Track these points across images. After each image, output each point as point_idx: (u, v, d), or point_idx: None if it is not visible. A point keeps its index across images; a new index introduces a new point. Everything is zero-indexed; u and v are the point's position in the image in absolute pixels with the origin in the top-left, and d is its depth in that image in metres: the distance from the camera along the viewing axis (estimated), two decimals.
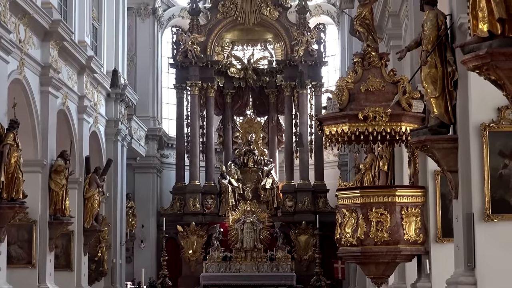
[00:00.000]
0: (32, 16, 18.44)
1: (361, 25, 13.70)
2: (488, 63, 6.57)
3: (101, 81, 25.15)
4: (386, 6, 18.08)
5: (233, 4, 32.46)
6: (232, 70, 33.30)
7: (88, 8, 24.07)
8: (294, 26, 32.28)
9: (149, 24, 33.73)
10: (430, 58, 10.54)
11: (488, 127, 10.06)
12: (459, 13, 10.12)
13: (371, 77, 12.88)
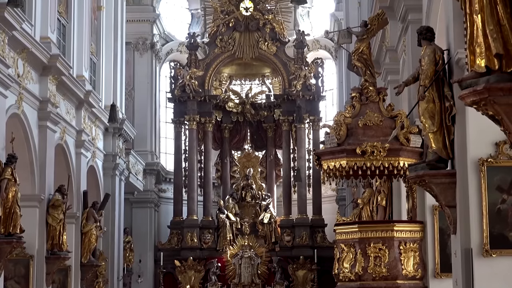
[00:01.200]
0: (31, 50, 18.51)
1: (359, 60, 13.77)
2: (486, 98, 6.59)
3: (99, 115, 25.18)
4: (383, 41, 18.17)
5: (231, 39, 32.60)
6: (230, 104, 33.38)
7: (86, 42, 24.17)
8: (292, 60, 32.39)
9: (147, 58, 33.84)
10: (428, 93, 10.56)
11: (486, 162, 10.06)
12: (457, 48, 10.16)
13: (369, 111, 12.91)
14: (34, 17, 19.43)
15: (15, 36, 17.36)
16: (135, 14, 32.92)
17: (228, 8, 32.63)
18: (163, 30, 35.60)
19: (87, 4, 24.32)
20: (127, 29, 30.44)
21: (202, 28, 36.59)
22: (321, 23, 36.52)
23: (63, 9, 22.56)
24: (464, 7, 6.98)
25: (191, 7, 37.75)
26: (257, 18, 32.46)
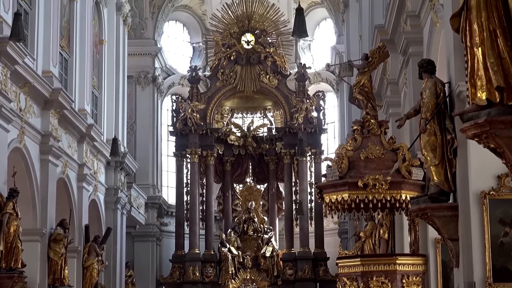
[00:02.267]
0: (33, 85, 18.56)
1: (360, 92, 13.79)
2: (487, 131, 6.60)
3: (101, 149, 25.20)
4: (385, 74, 18.23)
5: (232, 72, 32.68)
6: (232, 137, 33.40)
7: (88, 76, 24.26)
8: (293, 93, 32.45)
9: (149, 92, 33.92)
10: (429, 125, 10.57)
11: (488, 195, 10.05)
12: (458, 81, 10.19)
13: (371, 144, 12.91)
14: (36, 51, 19.52)
15: (17, 70, 17.43)
16: (137, 47, 33.08)
17: (230, 42, 32.76)
18: (164, 64, 35.73)
19: (89, 38, 24.44)
20: (129, 63, 30.56)
21: (204, 61, 36.75)
22: (322, 56, 36.67)
23: (65, 43, 22.67)
24: (465, 40, 7.01)
25: (192, 41, 37.94)
26: (258, 51, 32.57)
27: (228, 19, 32.92)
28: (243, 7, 32.84)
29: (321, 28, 37.87)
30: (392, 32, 16.47)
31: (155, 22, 34.67)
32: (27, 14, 19.38)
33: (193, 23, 37.89)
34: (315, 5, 36.80)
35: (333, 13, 34.42)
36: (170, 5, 35.33)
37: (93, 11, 25.51)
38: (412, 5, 14.45)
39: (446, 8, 11.00)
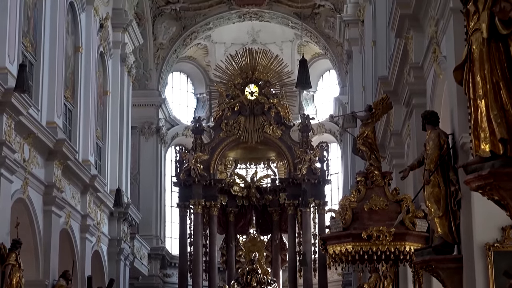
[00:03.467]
0: (37, 135, 18.61)
1: (364, 144, 13.80)
2: (491, 183, 6.59)
3: (104, 200, 25.18)
4: (388, 125, 18.25)
5: (236, 123, 32.75)
6: (235, 188, 33.34)
7: (92, 127, 24.33)
8: (297, 144, 32.48)
9: (152, 142, 34.00)
10: (433, 177, 10.57)
11: (492, 247, 9.99)
12: (461, 132, 10.20)
13: (375, 196, 12.89)
14: (40, 102, 19.61)
15: (21, 121, 17.49)
16: (141, 98, 33.23)
17: (234, 93, 32.89)
18: (168, 115, 35.87)
19: (93, 89, 24.57)
20: (133, 114, 30.67)
21: (208, 112, 36.88)
22: (326, 107, 36.82)
23: (70, 94, 22.78)
24: (468, 92, 7.03)
25: (196, 92, 38.14)
26: (262, 102, 32.69)
27: (232, 70, 33.09)
28: (247, 58, 33.03)
29: (324, 79, 38.07)
30: (396, 83, 16.54)
31: (159, 73, 34.89)
32: (32, 65, 19.52)
33: (197, 74, 38.12)
34: (319, 56, 37.04)
35: (337, 64, 34.62)
36: (175, 56, 35.58)
37: (98, 62, 25.68)
38: (415, 57, 14.52)
39: (449, 60, 11.06)
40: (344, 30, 29.10)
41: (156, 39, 34.57)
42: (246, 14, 35.10)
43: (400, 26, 15.05)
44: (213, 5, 34.67)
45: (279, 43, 36.92)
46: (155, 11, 34.19)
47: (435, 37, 12.62)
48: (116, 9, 27.83)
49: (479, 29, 7.06)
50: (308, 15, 34.55)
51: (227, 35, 36.79)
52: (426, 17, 13.70)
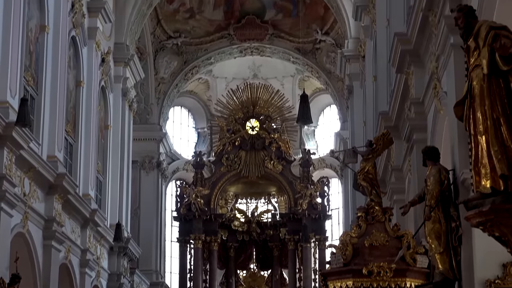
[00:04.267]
0: (38, 169, 18.60)
1: (365, 179, 13.80)
2: (492, 220, 6.58)
3: (105, 234, 25.11)
4: (389, 160, 18.25)
5: (237, 157, 32.75)
6: (236, 223, 33.25)
7: (93, 161, 24.33)
8: (297, 179, 32.45)
9: (153, 177, 33.99)
10: (433, 213, 10.55)
11: (493, 283, 9.95)
12: (462, 168, 10.20)
13: (375, 231, 12.86)
14: (41, 136, 19.63)
15: (22, 155, 17.49)
16: (142, 132, 33.28)
17: (235, 127, 32.94)
18: (169, 149, 35.89)
19: (94, 123, 24.60)
20: (134, 148, 30.68)
21: (208, 147, 36.91)
22: (326, 142, 36.84)
23: (71, 128, 22.81)
24: (469, 128, 7.05)
25: (197, 126, 38.19)
26: (263, 137, 32.73)
27: (233, 105, 33.18)
28: (248, 93, 33.13)
29: (325, 114, 38.14)
30: (396, 118, 16.56)
31: (161, 108, 34.97)
32: (33, 99, 19.56)
33: (198, 108, 38.20)
34: (320, 91, 37.13)
35: (338, 99, 34.70)
36: (176, 90, 35.68)
37: (99, 97, 25.74)
38: (416, 92, 14.55)
39: (450, 96, 11.09)
40: (345, 65, 29.20)
41: (158, 74, 34.70)
42: (248, 49, 35.26)
43: (401, 62, 15.10)
44: (215, 40, 34.85)
45: (280, 78, 37.04)
46: (157, 45, 34.36)
47: (436, 73, 12.67)
48: (117, 43, 27.97)
49: (480, 65, 7.10)
50: (309, 50, 34.70)
51: (229, 70, 36.92)
52: (426, 53, 13.76)
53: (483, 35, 7.26)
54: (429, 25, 12.92)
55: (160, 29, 34.07)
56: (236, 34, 34.59)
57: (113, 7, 27.34)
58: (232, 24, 34.51)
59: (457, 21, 7.91)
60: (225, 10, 34.33)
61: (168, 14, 33.86)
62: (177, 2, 33.56)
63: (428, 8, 12.62)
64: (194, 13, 34.15)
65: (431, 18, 12.64)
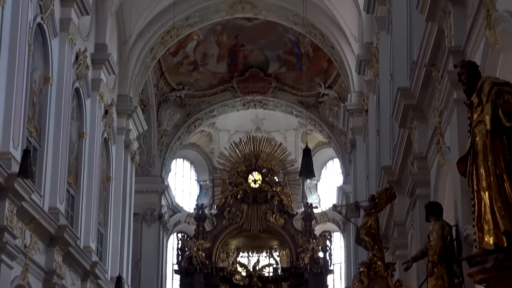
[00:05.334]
0: (39, 221, 18.57)
1: (367, 234, 13.79)
2: (495, 277, 6.56)
3: (105, 287, 24.95)
4: (392, 215, 18.21)
5: (239, 210, 32.70)
6: (237, 277, 33.06)
7: (94, 213, 24.29)
8: (299, 233, 32.36)
9: (155, 229, 33.90)
10: (436, 269, 10.51)
11: None
12: (465, 224, 10.18)
13: (377, 287, 12.81)
14: (43, 188, 19.63)
15: (23, 207, 17.47)
16: (144, 185, 33.26)
17: (237, 180, 32.95)
18: (171, 201, 35.85)
19: (96, 175, 24.61)
20: (136, 200, 30.64)
21: (210, 199, 36.87)
22: (329, 196, 36.78)
23: (73, 179, 22.81)
24: (472, 184, 7.06)
25: (199, 179, 38.19)
26: (265, 190, 32.71)
27: (236, 158, 33.23)
28: (250, 146, 33.20)
29: (328, 168, 38.14)
30: (399, 173, 16.56)
31: (163, 160, 35.02)
32: (36, 151, 19.61)
33: (200, 161, 38.24)
34: (322, 145, 37.19)
35: (340, 153, 34.74)
36: (178, 143, 35.76)
37: (102, 148, 25.80)
38: (419, 147, 14.59)
39: (453, 151, 11.11)
40: (348, 119, 29.28)
41: (161, 126, 34.82)
42: (251, 102, 35.41)
43: (404, 116, 15.15)
44: (218, 92, 35.02)
45: (283, 131, 37.14)
46: (160, 97, 34.53)
47: (439, 128, 12.71)
48: (121, 95, 28.10)
49: (483, 121, 7.13)
50: (312, 103, 34.85)
51: (231, 123, 37.04)
52: (430, 108, 13.81)
53: (486, 91, 7.31)
54: (432, 80, 12.99)
55: (163, 81, 34.27)
56: (240, 87, 34.77)
57: (117, 59, 27.55)
58: (236, 77, 34.70)
59: (461, 77, 7.97)
60: (229, 63, 34.56)
61: (171, 67, 34.09)
62: (181, 55, 33.80)
63: (431, 63, 12.71)
64: (197, 66, 34.38)
65: (434, 73, 12.72)
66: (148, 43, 28.71)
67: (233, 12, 29.62)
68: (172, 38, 29.59)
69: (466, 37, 10.62)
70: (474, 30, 10.25)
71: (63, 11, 21.21)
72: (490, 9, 9.27)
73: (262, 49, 34.08)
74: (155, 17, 28.26)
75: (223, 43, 33.86)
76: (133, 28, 28.06)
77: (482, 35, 9.89)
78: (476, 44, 10.26)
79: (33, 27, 18.88)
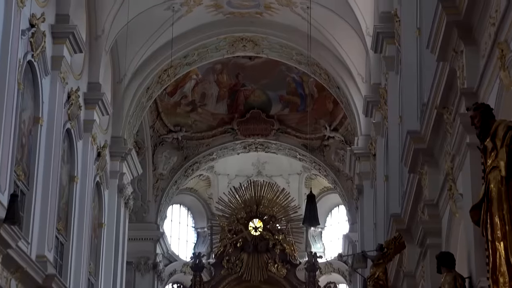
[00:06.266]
0: (26, 270, 18.50)
1: (375, 286, 13.77)
2: None
3: None
4: (401, 266, 18.14)
5: (238, 259, 32.64)
6: None
7: (85, 262, 24.19)
8: (303, 284, 32.28)
9: (149, 279, 33.75)
10: None
11: None
12: (479, 276, 10.13)
13: None
14: (31, 235, 19.57)
15: (9, 255, 17.41)
16: (138, 232, 33.17)
17: (237, 228, 32.93)
18: (166, 250, 35.74)
19: (87, 221, 24.55)
20: (129, 248, 30.54)
21: (208, 248, 36.77)
22: (334, 245, 36.69)
23: (62, 226, 22.76)
24: (486, 234, 7.04)
25: (197, 226, 38.12)
26: (266, 238, 32.67)
27: (235, 204, 33.23)
28: (251, 191, 33.21)
29: (333, 215, 38.09)
30: (409, 221, 16.52)
31: (158, 205, 34.96)
32: (24, 195, 19.59)
33: (198, 207, 38.20)
34: (328, 190, 37.17)
35: (346, 199, 34.69)
36: (175, 188, 35.73)
37: (94, 193, 25.77)
38: (430, 194, 14.56)
39: (466, 198, 11.09)
40: (355, 163, 29.29)
41: (156, 169, 34.81)
42: (252, 145, 35.46)
43: (414, 161, 15.15)
44: (217, 134, 35.08)
45: (286, 175, 37.15)
46: (156, 139, 34.58)
47: (451, 174, 12.70)
48: (115, 137, 28.14)
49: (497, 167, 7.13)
50: (317, 147, 34.89)
51: (231, 167, 37.07)
52: (441, 152, 13.82)
53: (500, 135, 7.31)
54: (443, 123, 13.01)
55: (160, 122, 34.35)
56: (240, 129, 34.85)
57: (111, 99, 27.63)
58: (236, 119, 34.79)
59: (474, 120, 7.99)
60: (229, 103, 34.69)
61: (168, 107, 34.20)
62: (179, 95, 33.93)
63: (442, 105, 12.73)
64: (196, 106, 34.50)
65: (446, 116, 12.74)
66: (144, 82, 28.82)
67: (234, 51, 29.77)
68: (169, 77, 29.72)
69: (479, 78, 10.65)
70: (487, 71, 10.29)
71: (55, 48, 21.35)
72: (504, 49, 9.31)
73: (264, 89, 34.24)
74: (152, 55, 28.42)
75: (223, 82, 34.03)
76: (128, 66, 28.19)
77: (496, 76, 9.92)
78: (489, 86, 10.28)
79: (23, 64, 18.98)
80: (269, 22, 28.46)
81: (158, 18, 27.15)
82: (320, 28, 26.89)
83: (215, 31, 28.65)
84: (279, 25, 28.36)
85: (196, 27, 28.45)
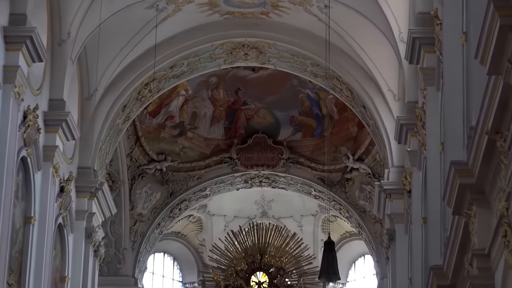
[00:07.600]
0: None
1: None
2: None
3: None
4: None
5: None
6: None
7: None
8: None
9: None
10: None
11: None
12: None
13: None
14: None
15: None
16: (111, 287, 33.14)
17: (235, 283, 32.99)
18: None
19: (46, 274, 24.51)
20: None
21: None
22: None
23: (14, 280, 22.67)
24: None
25: (185, 280, 38.14)
26: None
27: (234, 252, 33.27)
28: (254, 236, 33.27)
29: (357, 267, 38.15)
30: (453, 275, 16.53)
31: (137, 254, 34.93)
32: None
33: (187, 256, 38.26)
34: (350, 236, 37.21)
35: (374, 247, 34.67)
36: (158, 232, 35.70)
37: (55, 238, 25.75)
38: (479, 241, 14.55)
39: None
40: (385, 202, 29.31)
41: (134, 209, 34.81)
42: (255, 179, 35.47)
43: (459, 200, 15.15)
44: (211, 165, 35.05)
45: (298, 217, 37.21)
46: (134, 171, 34.58)
47: (506, 216, 12.69)
48: (82, 167, 28.11)
49: None
50: (337, 181, 34.88)
51: (229, 206, 37.13)
52: (493, 189, 13.81)
53: None
54: (496, 151, 13.01)
55: (139, 149, 34.37)
56: (240, 158, 34.89)
57: (78, 119, 27.63)
58: (235, 145, 34.85)
59: None
60: (226, 126, 34.76)
61: (150, 131, 34.24)
62: (163, 115, 34.00)
63: (495, 130, 12.72)
64: (185, 130, 34.55)
65: (499, 143, 12.74)
66: (120, 99, 28.82)
67: (233, 60, 29.82)
68: (151, 93, 29.77)
69: None
70: None
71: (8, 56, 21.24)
72: None
73: (270, 109, 34.34)
74: (130, 65, 28.42)
75: (219, 100, 34.15)
76: (100, 79, 28.20)
77: None
78: None
79: None
80: (277, 25, 28.50)
81: (138, 19, 27.15)
82: (341, 32, 26.96)
83: (210, 35, 28.68)
84: (290, 29, 28.40)
85: (185, 30, 28.49)
